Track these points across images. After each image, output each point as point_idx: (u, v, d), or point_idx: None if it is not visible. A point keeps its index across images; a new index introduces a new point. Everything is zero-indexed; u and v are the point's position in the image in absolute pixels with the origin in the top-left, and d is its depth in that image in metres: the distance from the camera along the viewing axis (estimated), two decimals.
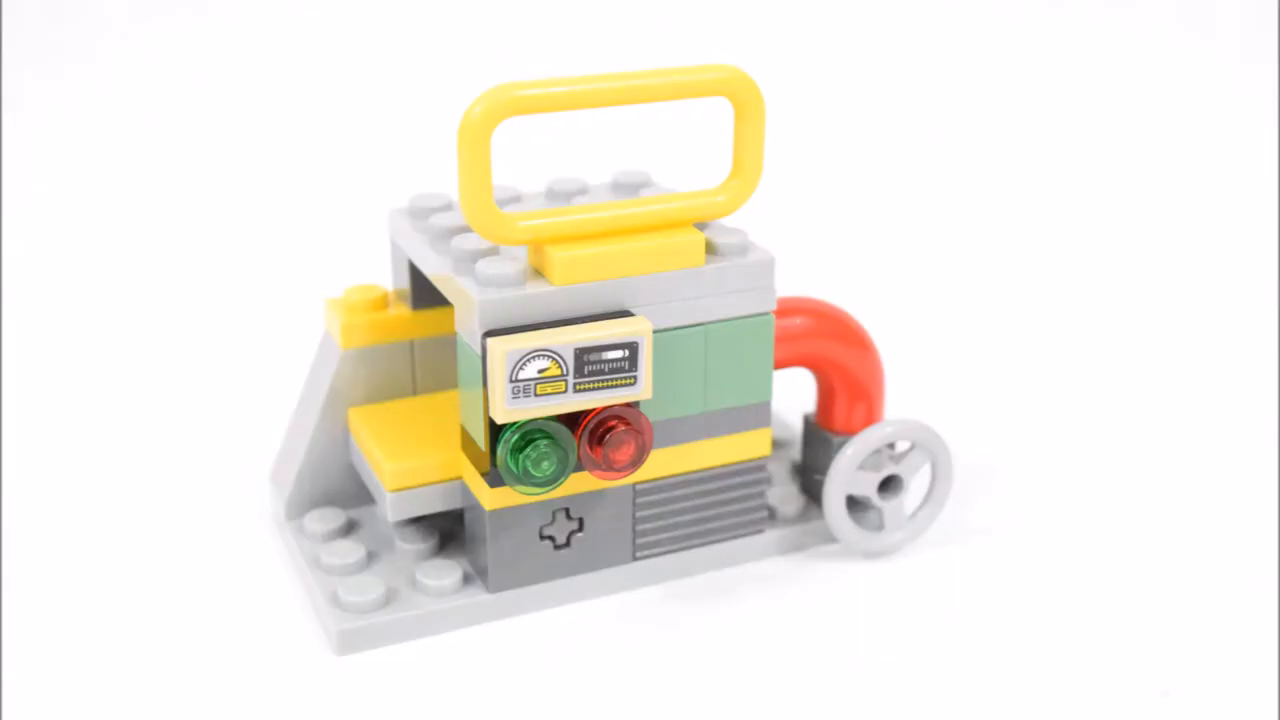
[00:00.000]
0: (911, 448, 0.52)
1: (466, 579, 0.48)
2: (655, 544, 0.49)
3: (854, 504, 0.52)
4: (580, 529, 0.48)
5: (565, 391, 0.44)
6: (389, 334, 0.52)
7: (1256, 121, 0.91)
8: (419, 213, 0.50)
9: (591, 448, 0.45)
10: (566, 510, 0.48)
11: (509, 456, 0.44)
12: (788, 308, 0.51)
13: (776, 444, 0.57)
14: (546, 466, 0.44)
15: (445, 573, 0.48)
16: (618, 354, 0.44)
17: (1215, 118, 0.92)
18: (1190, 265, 0.80)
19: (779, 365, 0.51)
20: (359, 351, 0.51)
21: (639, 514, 0.49)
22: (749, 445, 0.50)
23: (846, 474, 0.51)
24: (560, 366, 0.43)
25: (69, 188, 0.84)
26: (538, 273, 0.46)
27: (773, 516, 0.52)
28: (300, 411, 0.53)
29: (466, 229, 0.48)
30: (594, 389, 0.44)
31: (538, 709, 0.44)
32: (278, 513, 0.52)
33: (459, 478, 0.48)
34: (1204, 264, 0.80)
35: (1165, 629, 0.47)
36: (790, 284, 0.58)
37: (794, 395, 0.59)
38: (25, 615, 0.48)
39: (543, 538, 0.47)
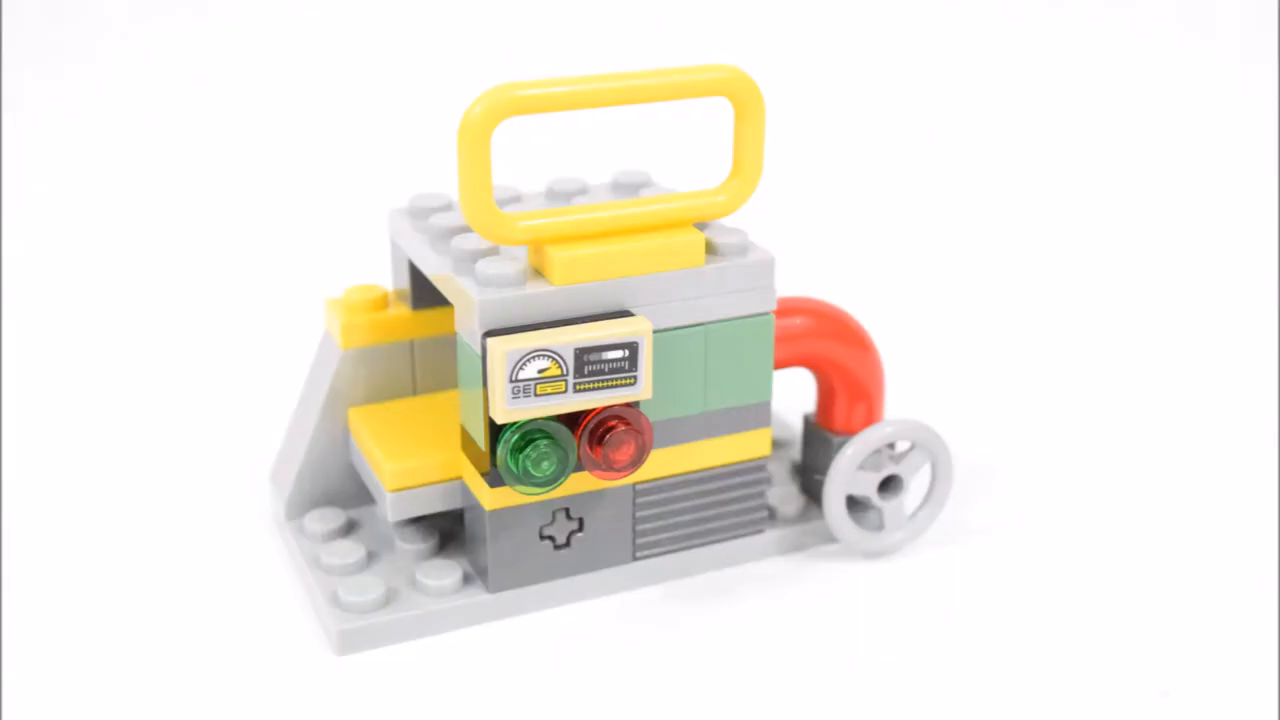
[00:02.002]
0: (911, 448, 0.52)
1: (466, 579, 0.48)
2: (655, 544, 0.49)
3: (854, 504, 0.52)
4: (580, 529, 0.48)
5: (565, 391, 0.44)
6: (389, 334, 0.52)
7: (1256, 121, 0.91)
8: (419, 213, 0.50)
9: (591, 448, 0.45)
10: (566, 510, 0.47)
11: (509, 456, 0.44)
12: (788, 308, 0.51)
13: (776, 444, 0.57)
14: (546, 466, 0.44)
15: (445, 573, 0.48)
16: (618, 354, 0.44)
17: (1215, 118, 0.92)
18: (1190, 265, 0.80)
19: (779, 365, 0.51)
20: (359, 351, 0.51)
21: (639, 514, 0.49)
22: (749, 445, 0.50)
23: (846, 474, 0.51)
24: (560, 366, 0.43)
25: (69, 188, 0.84)
26: (538, 273, 0.46)
27: (773, 516, 0.52)
28: (300, 411, 0.53)
29: (466, 229, 0.48)
30: (594, 389, 0.44)
31: (538, 709, 0.44)
32: (278, 513, 0.52)
33: (459, 478, 0.48)
34: (1204, 264, 0.80)
35: (1165, 629, 0.47)
36: (790, 284, 0.58)
37: (794, 395, 0.59)
38: (25, 615, 0.48)
39: (543, 538, 0.47)
